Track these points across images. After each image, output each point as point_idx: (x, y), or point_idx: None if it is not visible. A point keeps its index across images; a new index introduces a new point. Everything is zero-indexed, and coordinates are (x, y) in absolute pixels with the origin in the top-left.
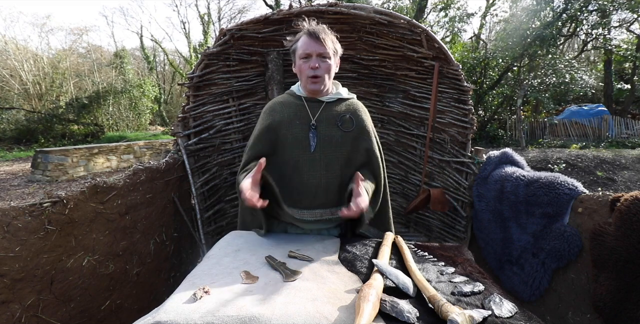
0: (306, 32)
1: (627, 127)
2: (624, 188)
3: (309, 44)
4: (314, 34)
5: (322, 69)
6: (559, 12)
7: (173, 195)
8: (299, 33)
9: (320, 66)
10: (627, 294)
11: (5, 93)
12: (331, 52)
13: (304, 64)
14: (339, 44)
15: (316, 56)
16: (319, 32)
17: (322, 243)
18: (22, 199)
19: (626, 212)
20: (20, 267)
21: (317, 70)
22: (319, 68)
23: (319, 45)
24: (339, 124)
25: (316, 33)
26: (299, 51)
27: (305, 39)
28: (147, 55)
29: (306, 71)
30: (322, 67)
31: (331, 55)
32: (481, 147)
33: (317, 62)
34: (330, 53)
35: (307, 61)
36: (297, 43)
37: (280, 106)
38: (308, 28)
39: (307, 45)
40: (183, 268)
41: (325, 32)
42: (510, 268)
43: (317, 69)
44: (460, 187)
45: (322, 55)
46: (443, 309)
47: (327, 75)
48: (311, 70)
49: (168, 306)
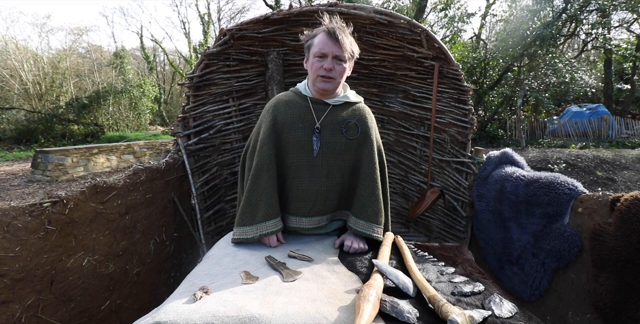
0: (325, 30)
1: (627, 127)
2: (624, 188)
3: (327, 43)
4: (333, 34)
5: (336, 71)
6: (558, 12)
7: (173, 195)
8: (317, 28)
9: (335, 68)
10: (627, 294)
11: (5, 93)
12: (348, 55)
13: (317, 62)
14: (356, 47)
15: (332, 58)
16: (339, 33)
17: (322, 243)
18: (22, 199)
19: (626, 212)
20: (20, 267)
21: (330, 72)
22: (333, 70)
23: (337, 47)
24: (344, 131)
25: (336, 34)
26: (314, 49)
27: (323, 38)
28: (147, 55)
29: (319, 70)
30: (337, 70)
31: (347, 59)
32: (481, 147)
33: (332, 64)
34: (347, 56)
35: (322, 61)
36: (314, 39)
37: (284, 106)
38: (328, 26)
39: (325, 44)
40: (183, 268)
41: (345, 33)
42: (510, 268)
43: (330, 71)
44: (460, 187)
45: (338, 57)
46: (443, 310)
47: (340, 78)
48: (324, 70)
49: (168, 306)
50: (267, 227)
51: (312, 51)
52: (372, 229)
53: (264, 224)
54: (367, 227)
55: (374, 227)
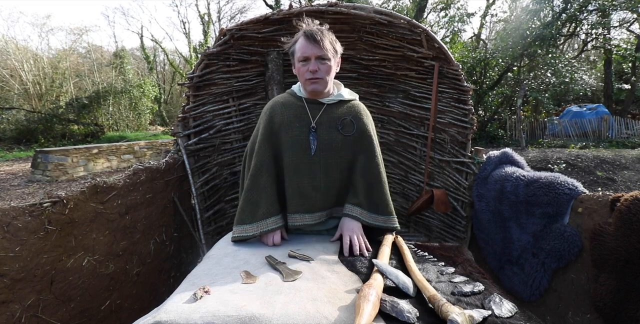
0: (303, 34)
1: (627, 127)
2: (624, 188)
3: (307, 46)
4: (311, 36)
5: (322, 71)
6: (558, 11)
7: (173, 195)
8: (296, 34)
9: (320, 69)
10: (627, 294)
11: (5, 93)
12: (330, 53)
13: (302, 67)
14: (338, 44)
15: (315, 59)
16: (316, 34)
17: (322, 243)
18: (22, 199)
19: (626, 212)
20: (20, 267)
21: (316, 73)
22: (319, 71)
23: (317, 48)
24: (340, 128)
25: (313, 35)
26: (297, 54)
27: (302, 42)
28: (147, 55)
29: (305, 74)
30: (322, 70)
31: (330, 57)
32: (481, 147)
33: (316, 65)
34: (329, 54)
35: (306, 64)
36: (295, 45)
37: (280, 107)
38: (305, 30)
39: (305, 48)
40: (183, 268)
41: (322, 33)
42: (510, 268)
43: (316, 72)
44: (460, 187)
45: (320, 57)
46: (443, 309)
47: (328, 77)
48: (310, 73)
49: (168, 306)
50: (268, 225)
51: (296, 57)
52: (379, 219)
53: (264, 221)
54: (374, 219)
55: (380, 218)
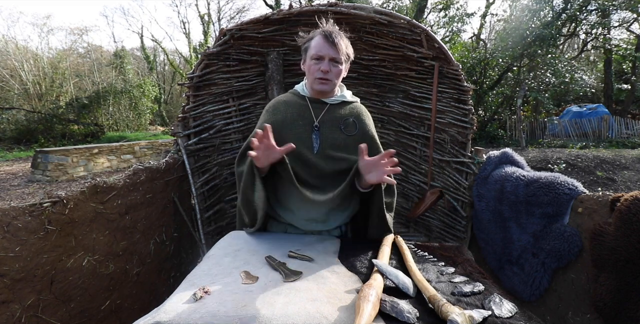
0: (322, 33)
1: (627, 127)
2: (624, 188)
3: (323, 46)
4: (329, 36)
5: (333, 73)
6: (558, 11)
7: (173, 195)
8: (313, 31)
9: (332, 70)
10: (627, 294)
11: (5, 93)
12: (344, 57)
13: (314, 65)
14: (351, 49)
15: (329, 60)
16: (335, 36)
17: (322, 243)
18: (22, 199)
19: (626, 212)
20: (20, 267)
21: (327, 74)
22: (330, 72)
23: (333, 49)
24: (342, 128)
25: (332, 36)
26: (311, 51)
27: (319, 40)
28: (147, 55)
29: (316, 72)
30: (333, 72)
31: (343, 61)
32: (481, 147)
33: (328, 66)
34: (343, 58)
35: (319, 63)
36: (311, 42)
37: (283, 105)
38: (324, 29)
39: (321, 47)
40: (183, 268)
41: (340, 36)
42: (510, 268)
43: (327, 73)
44: (460, 187)
45: (334, 59)
46: (443, 310)
47: (337, 80)
48: (321, 72)
49: (168, 306)
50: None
51: (309, 53)
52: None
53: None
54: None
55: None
